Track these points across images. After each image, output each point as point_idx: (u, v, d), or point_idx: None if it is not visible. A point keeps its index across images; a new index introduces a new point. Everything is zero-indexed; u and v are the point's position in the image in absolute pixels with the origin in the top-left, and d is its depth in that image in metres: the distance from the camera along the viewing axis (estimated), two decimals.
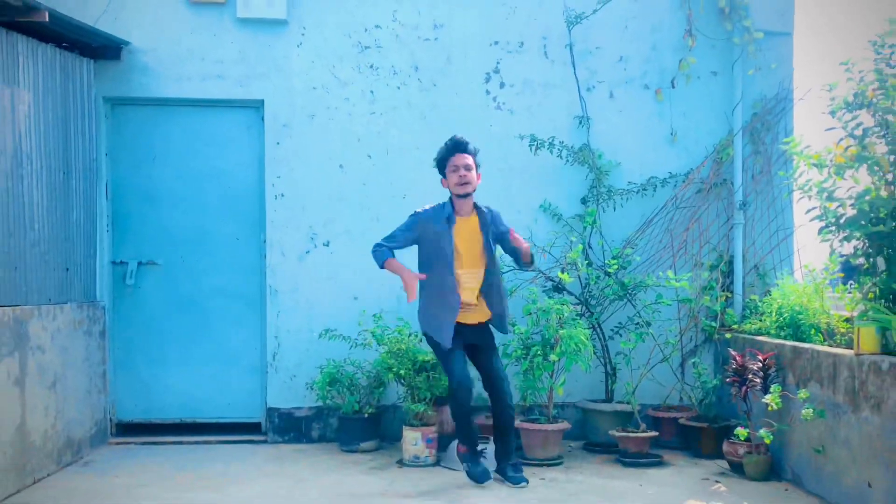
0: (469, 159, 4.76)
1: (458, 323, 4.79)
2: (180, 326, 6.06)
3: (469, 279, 4.81)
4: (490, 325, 4.96)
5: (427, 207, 4.88)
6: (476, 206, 4.87)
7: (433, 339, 4.84)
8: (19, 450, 4.64)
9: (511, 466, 4.89)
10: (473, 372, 4.99)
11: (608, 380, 5.94)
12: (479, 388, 5.81)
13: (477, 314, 4.88)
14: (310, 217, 6.02)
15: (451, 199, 4.86)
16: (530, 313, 5.52)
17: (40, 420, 4.88)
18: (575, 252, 5.72)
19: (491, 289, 4.86)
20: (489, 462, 5.07)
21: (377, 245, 4.82)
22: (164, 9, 5.92)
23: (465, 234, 4.81)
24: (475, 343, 4.91)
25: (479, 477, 4.83)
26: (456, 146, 4.77)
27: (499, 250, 5.00)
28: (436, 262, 4.76)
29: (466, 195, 4.79)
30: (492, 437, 5.07)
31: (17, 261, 4.80)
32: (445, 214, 4.78)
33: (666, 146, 6.19)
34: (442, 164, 4.81)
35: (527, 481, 4.82)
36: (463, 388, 4.75)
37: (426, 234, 4.79)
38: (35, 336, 4.83)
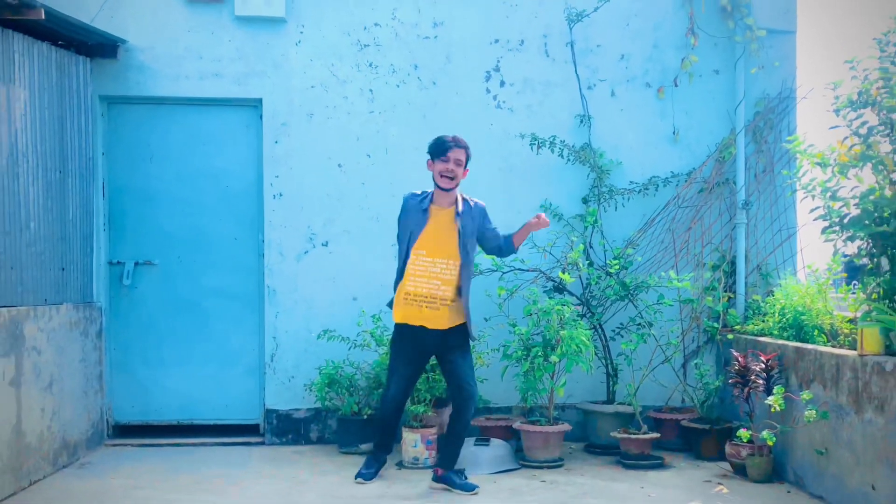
0: (462, 155, 4.75)
1: (424, 328, 4.69)
2: (177, 327, 6.02)
3: (440, 270, 4.68)
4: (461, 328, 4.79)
5: (417, 192, 4.85)
6: (463, 199, 4.82)
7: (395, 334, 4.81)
8: (15, 452, 4.61)
9: (457, 473, 4.79)
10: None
11: (609, 381, 5.92)
12: (481, 390, 5.80)
13: (453, 314, 4.72)
14: (308, 217, 5.98)
15: (435, 187, 4.81)
16: (531, 314, 5.48)
17: (36, 421, 4.85)
18: (576, 252, 5.69)
19: (467, 286, 4.75)
20: (481, 467, 5.06)
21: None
22: (161, 6, 5.89)
23: (440, 224, 4.73)
24: (446, 342, 4.75)
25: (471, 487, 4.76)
26: (457, 142, 4.75)
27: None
28: (406, 245, 4.73)
29: (449, 189, 4.75)
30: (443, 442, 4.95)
31: (12, 261, 4.77)
32: (425, 204, 4.75)
33: (668, 145, 6.16)
34: (437, 151, 4.75)
35: (478, 487, 4.73)
36: (388, 406, 4.83)
37: (409, 218, 4.76)
38: (31, 337, 4.80)
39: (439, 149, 4.74)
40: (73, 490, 4.69)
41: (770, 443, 4.73)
